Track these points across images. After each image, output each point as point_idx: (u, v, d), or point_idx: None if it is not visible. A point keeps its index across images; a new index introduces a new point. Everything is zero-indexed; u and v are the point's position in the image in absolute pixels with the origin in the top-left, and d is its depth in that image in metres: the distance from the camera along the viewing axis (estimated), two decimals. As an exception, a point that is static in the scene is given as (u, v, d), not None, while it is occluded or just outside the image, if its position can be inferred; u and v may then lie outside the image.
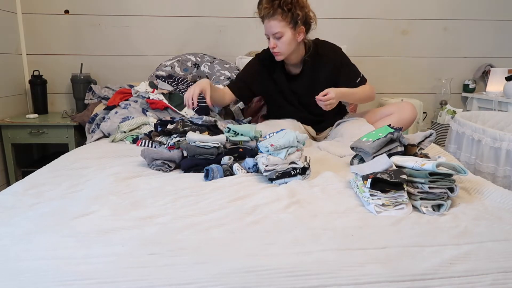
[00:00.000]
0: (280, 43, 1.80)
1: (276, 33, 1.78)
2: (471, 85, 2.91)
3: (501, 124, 2.34)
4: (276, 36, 1.79)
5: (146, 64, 2.66)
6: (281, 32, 1.77)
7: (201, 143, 1.44)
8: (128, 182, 1.29)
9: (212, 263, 0.80)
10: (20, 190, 1.22)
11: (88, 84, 2.47)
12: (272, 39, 1.81)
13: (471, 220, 1.02)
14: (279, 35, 1.78)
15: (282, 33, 1.78)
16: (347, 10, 2.76)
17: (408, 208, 1.08)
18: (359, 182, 1.17)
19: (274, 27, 1.77)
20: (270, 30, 1.79)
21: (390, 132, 1.42)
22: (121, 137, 1.91)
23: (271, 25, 1.78)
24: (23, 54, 2.62)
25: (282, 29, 1.77)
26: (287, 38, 1.79)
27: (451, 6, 2.82)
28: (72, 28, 2.63)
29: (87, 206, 1.08)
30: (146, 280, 0.75)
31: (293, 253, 0.85)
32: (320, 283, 0.76)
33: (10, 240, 0.89)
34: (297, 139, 1.33)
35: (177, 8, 2.67)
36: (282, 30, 1.77)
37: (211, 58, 2.53)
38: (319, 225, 0.99)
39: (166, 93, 2.13)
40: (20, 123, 2.28)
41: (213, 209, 1.08)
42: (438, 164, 1.09)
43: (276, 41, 1.80)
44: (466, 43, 2.89)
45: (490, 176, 1.89)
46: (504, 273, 0.81)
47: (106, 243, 0.88)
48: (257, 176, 1.37)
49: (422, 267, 0.80)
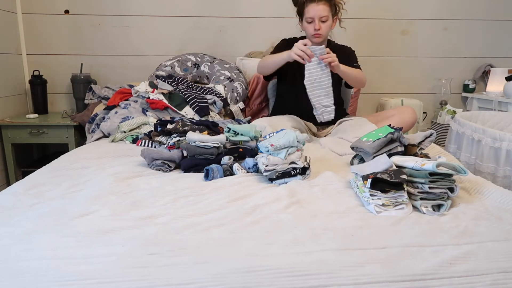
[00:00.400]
0: (324, 26, 1.97)
1: (323, 17, 1.95)
2: (471, 85, 2.91)
3: (501, 124, 2.34)
4: (322, 19, 1.95)
5: (146, 64, 2.66)
6: (327, 16, 1.96)
7: (201, 143, 1.45)
8: (128, 182, 1.29)
9: (212, 263, 0.80)
10: (20, 190, 1.22)
11: (88, 84, 2.47)
12: (318, 22, 1.95)
13: (471, 220, 1.02)
14: (325, 19, 1.96)
15: (327, 17, 1.96)
16: (347, 10, 2.75)
17: (408, 208, 1.08)
18: (359, 182, 1.17)
19: (323, 11, 1.94)
20: (318, 13, 1.94)
21: (390, 132, 1.42)
22: (121, 137, 1.91)
23: (319, 8, 1.94)
24: (23, 54, 2.61)
25: (328, 13, 1.96)
26: (329, 23, 1.99)
27: (451, 6, 2.82)
28: (72, 28, 2.62)
29: (87, 206, 1.08)
30: (146, 280, 0.75)
31: (293, 253, 0.85)
32: (320, 283, 0.76)
33: (10, 240, 0.89)
34: (297, 139, 1.33)
35: (177, 8, 2.66)
36: (328, 15, 1.96)
37: (211, 58, 2.53)
38: (319, 225, 0.99)
39: (166, 93, 2.13)
40: (20, 123, 2.28)
41: (213, 209, 1.08)
42: (438, 164, 1.09)
43: (321, 24, 1.96)
44: (466, 43, 2.89)
45: (490, 176, 1.89)
46: (504, 273, 0.81)
47: (106, 243, 0.88)
48: (257, 176, 1.37)
49: (422, 267, 0.80)
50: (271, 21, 2.70)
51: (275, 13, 2.67)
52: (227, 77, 2.38)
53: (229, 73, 2.41)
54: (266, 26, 2.70)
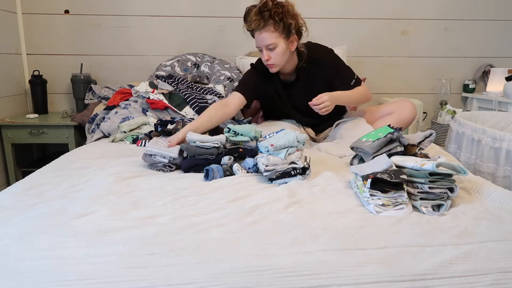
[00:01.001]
0: (274, 55, 1.75)
1: (270, 45, 1.72)
2: (471, 85, 2.91)
3: (501, 124, 2.34)
4: (269, 47, 1.73)
5: (146, 64, 2.66)
6: (274, 43, 1.72)
7: (201, 143, 1.45)
8: (128, 182, 1.29)
9: (212, 263, 0.80)
10: (20, 190, 1.22)
11: (88, 84, 2.47)
12: (265, 51, 1.75)
13: (471, 220, 1.02)
14: (273, 46, 1.73)
15: (275, 44, 1.72)
16: (347, 10, 2.76)
17: (408, 208, 1.08)
18: (359, 182, 1.17)
19: (267, 39, 1.71)
20: (262, 42, 1.73)
21: (390, 132, 1.42)
22: (121, 137, 1.91)
23: (263, 37, 1.72)
24: (23, 54, 2.62)
25: (275, 40, 1.71)
26: (281, 49, 1.74)
27: (451, 6, 2.82)
28: (72, 28, 2.62)
29: (87, 206, 1.08)
30: (146, 280, 0.75)
31: (293, 253, 0.85)
32: (320, 283, 0.76)
33: (10, 240, 0.89)
34: (297, 139, 1.33)
35: (177, 8, 2.66)
36: (275, 41, 1.72)
37: (211, 58, 2.53)
38: (319, 225, 0.99)
39: (166, 93, 2.13)
40: (20, 123, 2.28)
41: (213, 209, 1.08)
42: (438, 164, 1.09)
43: (270, 53, 1.75)
44: (466, 43, 2.89)
45: (490, 176, 1.89)
46: (504, 273, 0.81)
47: (106, 243, 0.88)
48: (257, 176, 1.37)
49: (422, 267, 0.80)
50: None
51: (275, 13, 2.67)
52: (227, 77, 2.38)
53: (229, 73, 2.41)
54: (266, 26, 2.70)
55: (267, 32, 1.70)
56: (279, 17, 1.69)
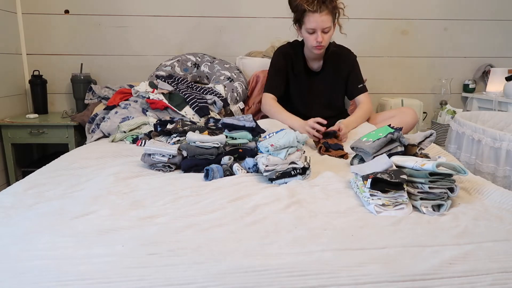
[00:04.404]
0: (327, 37, 1.88)
1: (326, 28, 1.85)
2: (471, 85, 2.91)
3: (501, 124, 2.34)
4: (325, 30, 1.85)
5: (146, 64, 2.66)
6: (330, 26, 1.86)
7: (201, 143, 1.44)
8: (128, 182, 1.29)
9: (212, 263, 0.80)
10: (20, 190, 1.22)
11: (88, 84, 2.47)
12: (320, 33, 1.86)
13: (471, 220, 1.02)
14: (328, 30, 1.86)
15: (330, 28, 1.86)
16: (347, 10, 2.75)
17: (408, 208, 1.08)
18: (359, 182, 1.17)
19: (327, 22, 1.83)
20: (322, 24, 1.83)
21: (390, 132, 1.42)
22: (121, 137, 1.91)
23: (323, 20, 1.82)
24: (23, 54, 2.61)
25: (331, 23, 1.86)
26: (331, 32, 1.89)
27: (451, 6, 2.82)
28: (72, 28, 2.62)
29: (87, 206, 1.08)
30: (146, 280, 0.75)
31: (293, 253, 0.85)
32: (320, 283, 0.76)
33: (10, 240, 0.89)
34: (297, 139, 1.33)
35: (177, 8, 2.66)
36: (331, 25, 1.86)
37: (211, 58, 2.53)
38: (319, 225, 0.99)
39: (166, 93, 2.13)
40: (20, 123, 2.28)
41: (213, 209, 1.08)
42: (438, 164, 1.09)
43: (324, 35, 1.87)
44: (466, 43, 2.89)
45: (490, 176, 1.89)
46: (504, 273, 0.81)
47: (106, 243, 0.88)
48: (257, 176, 1.37)
49: (422, 267, 0.80)
50: (271, 21, 2.70)
51: (275, 13, 2.67)
52: (227, 77, 2.38)
53: (229, 73, 2.40)
54: (266, 26, 2.71)
55: (327, 15, 1.84)
56: (333, 4, 1.85)
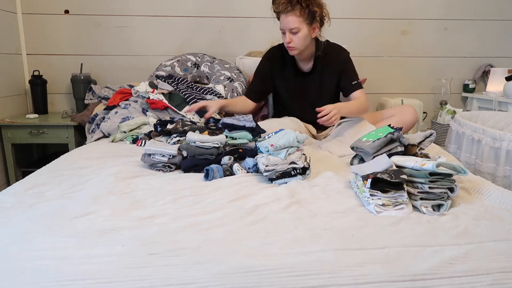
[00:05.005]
0: (296, 38, 1.84)
1: (293, 29, 1.82)
2: (471, 85, 2.91)
3: (501, 124, 2.33)
4: (292, 31, 1.83)
5: (146, 64, 2.66)
6: (298, 27, 1.81)
7: (201, 143, 1.45)
8: (128, 182, 1.29)
9: (212, 263, 0.80)
10: (20, 190, 1.22)
11: (88, 84, 2.47)
12: (288, 34, 1.84)
13: (471, 220, 1.02)
14: (296, 31, 1.82)
15: (298, 29, 1.82)
16: (347, 10, 2.76)
17: (408, 208, 1.08)
18: (359, 182, 1.17)
19: (292, 22, 1.80)
20: (287, 25, 1.82)
21: (390, 132, 1.42)
22: (121, 137, 1.91)
23: (288, 20, 1.81)
24: (23, 54, 2.61)
25: (299, 24, 1.81)
26: (303, 33, 1.84)
27: (451, 6, 2.82)
28: (72, 28, 2.62)
29: (87, 206, 1.08)
30: (146, 280, 0.75)
31: (293, 253, 0.85)
32: (320, 283, 0.76)
33: (10, 240, 0.89)
34: (297, 139, 1.33)
35: (177, 8, 2.66)
36: (299, 26, 1.81)
37: (211, 58, 2.53)
38: (319, 225, 0.99)
39: (166, 93, 2.13)
40: (20, 123, 2.28)
41: (213, 209, 1.08)
42: (438, 164, 1.09)
43: (292, 36, 1.84)
44: (466, 43, 2.89)
45: (490, 176, 1.89)
46: (504, 273, 0.81)
47: (106, 243, 0.88)
48: (257, 176, 1.37)
49: (422, 267, 0.80)
50: (271, 21, 2.67)
51: (275, 13, 2.67)
52: (227, 77, 2.38)
53: (229, 73, 2.40)
54: (266, 26, 2.70)
55: (293, 16, 1.80)
56: (306, 3, 1.79)
